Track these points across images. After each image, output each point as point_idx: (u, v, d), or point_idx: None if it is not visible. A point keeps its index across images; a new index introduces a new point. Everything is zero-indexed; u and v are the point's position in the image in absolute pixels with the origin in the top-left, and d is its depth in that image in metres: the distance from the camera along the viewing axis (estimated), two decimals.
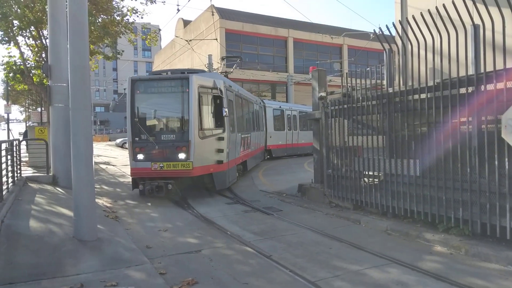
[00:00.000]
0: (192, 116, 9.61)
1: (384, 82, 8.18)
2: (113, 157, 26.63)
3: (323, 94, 9.54)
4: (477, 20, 6.07)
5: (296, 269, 5.16)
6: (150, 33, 18.07)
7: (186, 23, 37.25)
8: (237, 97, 13.26)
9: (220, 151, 10.38)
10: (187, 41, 24.54)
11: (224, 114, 10.16)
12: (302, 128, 23.85)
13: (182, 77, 9.96)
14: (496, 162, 5.61)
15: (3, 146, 7.31)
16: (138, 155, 9.78)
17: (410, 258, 5.50)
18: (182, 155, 9.58)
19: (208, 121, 10.15)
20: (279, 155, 21.82)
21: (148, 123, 10.27)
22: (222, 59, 24.93)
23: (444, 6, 6.20)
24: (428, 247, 6.03)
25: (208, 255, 5.71)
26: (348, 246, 6.20)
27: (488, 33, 5.83)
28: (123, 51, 17.86)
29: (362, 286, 4.66)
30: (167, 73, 10.53)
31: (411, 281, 4.78)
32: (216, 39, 26.86)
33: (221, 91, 10.21)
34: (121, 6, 16.26)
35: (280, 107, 22.84)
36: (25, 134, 19.67)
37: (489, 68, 5.80)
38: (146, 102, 10.26)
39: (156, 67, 45.35)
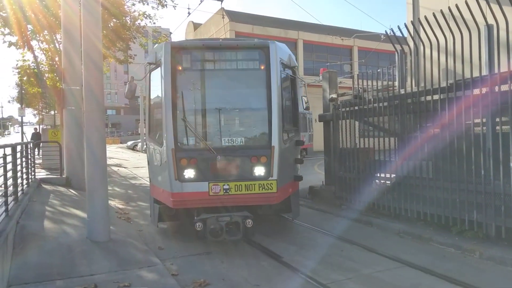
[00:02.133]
0: (275, 108, 6.06)
1: (396, 83, 8.13)
2: (124, 159, 26.88)
3: (334, 95, 9.51)
4: (491, 20, 6.00)
5: (308, 271, 5.14)
6: (161, 37, 18.25)
7: (196, 26, 37.50)
8: None
9: (298, 161, 7.25)
10: None
11: (305, 106, 7.54)
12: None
13: (257, 45, 6.45)
14: (511, 164, 5.52)
15: (18, 148, 7.44)
16: (185, 171, 5.84)
17: (423, 261, 5.44)
18: (260, 170, 5.94)
19: (287, 116, 6.70)
20: None
21: (200, 119, 6.30)
22: None
23: (457, 6, 6.15)
24: (441, 250, 5.96)
25: (220, 257, 5.72)
26: (360, 248, 6.15)
27: (502, 33, 5.76)
28: (135, 55, 18.04)
29: None
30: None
31: (424, 284, 4.73)
32: None
33: (295, 72, 7.06)
34: (132, 11, 16.41)
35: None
36: (32, 137, 19.74)
37: (503, 69, 5.72)
38: (196, 85, 6.32)
39: None
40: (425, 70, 7.06)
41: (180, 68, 6.16)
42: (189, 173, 5.87)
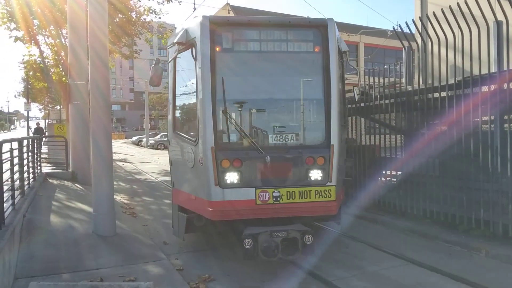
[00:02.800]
0: (334, 99, 5.07)
1: (402, 80, 8.07)
2: (129, 154, 27.01)
3: None
4: (500, 16, 5.93)
5: (312, 267, 5.13)
6: (166, 32, 18.23)
7: None
8: None
9: (348, 162, 6.50)
10: None
11: (357, 97, 6.27)
12: None
13: (313, 23, 5.30)
14: None
15: (24, 142, 7.47)
16: (228, 174, 4.81)
17: (429, 259, 5.41)
18: (316, 174, 4.97)
19: (341, 110, 5.63)
20: None
21: (243, 111, 5.23)
22: None
23: (466, 2, 6.08)
24: (447, 248, 5.92)
25: (225, 252, 5.73)
26: (365, 245, 6.13)
27: None
28: (141, 50, 18.03)
29: (380, 286, 4.61)
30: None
31: (430, 282, 4.71)
32: None
33: (345, 57, 5.83)
34: (138, 6, 16.40)
35: None
36: (35, 131, 19.71)
37: None
38: (239, 70, 5.30)
39: None
40: (433, 67, 7.00)
41: (218, 49, 4.99)
42: (232, 177, 4.80)
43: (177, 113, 5.81)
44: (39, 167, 9.81)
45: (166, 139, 32.63)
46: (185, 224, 5.40)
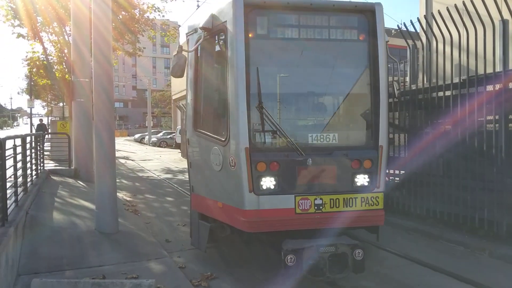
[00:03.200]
0: (383, 94, 4.55)
1: (406, 79, 8.03)
2: (132, 152, 27.04)
3: None
4: (506, 15, 5.89)
5: None
6: (169, 30, 18.23)
7: None
8: None
9: None
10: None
11: (397, 93, 5.65)
12: None
13: (360, 7, 4.65)
14: None
15: (27, 139, 7.48)
16: (264, 179, 4.24)
17: (433, 258, 5.38)
18: (363, 179, 4.46)
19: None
20: None
21: (280, 107, 4.65)
22: None
23: (471, 0, 6.03)
24: (451, 248, 5.90)
25: (227, 250, 5.72)
26: (368, 245, 6.09)
27: None
28: (144, 48, 18.04)
29: (383, 285, 4.59)
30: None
31: (434, 282, 4.68)
32: None
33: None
34: (141, 3, 16.39)
35: None
36: (38, 128, 19.68)
37: None
38: (274, 60, 4.69)
39: None
40: (438, 66, 6.95)
41: (252, 35, 4.33)
42: (269, 182, 4.21)
43: (200, 109, 5.09)
44: (42, 164, 9.83)
45: (168, 137, 32.81)
46: (207, 235, 4.85)
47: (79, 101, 10.26)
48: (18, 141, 6.30)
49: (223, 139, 4.40)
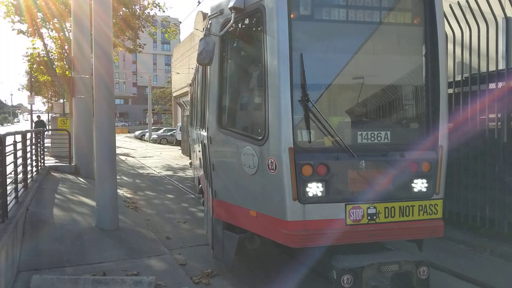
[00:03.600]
0: (443, 87, 4.01)
1: None
2: (132, 148, 27.04)
3: None
4: (510, 13, 5.85)
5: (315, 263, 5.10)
6: (170, 26, 18.17)
7: (205, 16, 37.29)
8: None
9: None
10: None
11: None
12: None
13: None
14: None
15: (28, 136, 7.46)
16: (310, 185, 3.67)
17: (433, 257, 5.36)
18: (420, 184, 3.90)
19: None
20: None
21: (326, 101, 4.09)
22: None
23: None
24: (451, 246, 5.88)
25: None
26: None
27: None
28: (145, 44, 17.99)
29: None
30: None
31: (434, 280, 4.65)
32: None
33: None
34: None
35: None
36: (36, 124, 19.56)
37: None
38: (319, 45, 4.03)
39: (175, 60, 45.70)
40: None
41: (294, 16, 3.68)
42: (316, 188, 3.61)
43: (227, 103, 4.37)
44: (42, 160, 9.81)
45: (169, 134, 32.78)
46: (236, 248, 4.24)
47: (80, 98, 10.23)
48: (19, 137, 6.29)
49: (260, 138, 3.75)
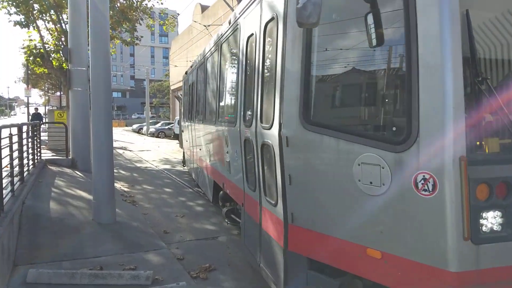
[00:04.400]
0: None
1: None
2: (129, 142, 26.95)
3: None
4: None
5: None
6: (168, 19, 18.02)
7: (204, 8, 37.02)
8: None
9: None
10: (205, 26, 24.36)
11: None
12: None
13: None
14: None
15: (24, 128, 7.40)
16: (486, 215, 2.29)
17: None
18: None
19: None
20: None
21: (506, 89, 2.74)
22: None
23: None
24: None
25: (225, 242, 5.70)
26: None
27: None
28: (142, 36, 17.85)
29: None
30: None
31: None
32: None
33: None
34: None
35: None
36: (33, 117, 19.40)
37: None
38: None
39: (173, 52, 45.47)
40: None
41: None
42: (493, 219, 2.39)
43: (324, 88, 3.24)
44: (39, 154, 9.75)
45: (167, 127, 32.67)
46: None
47: (76, 90, 10.14)
48: (14, 130, 6.23)
49: (400, 140, 2.46)
